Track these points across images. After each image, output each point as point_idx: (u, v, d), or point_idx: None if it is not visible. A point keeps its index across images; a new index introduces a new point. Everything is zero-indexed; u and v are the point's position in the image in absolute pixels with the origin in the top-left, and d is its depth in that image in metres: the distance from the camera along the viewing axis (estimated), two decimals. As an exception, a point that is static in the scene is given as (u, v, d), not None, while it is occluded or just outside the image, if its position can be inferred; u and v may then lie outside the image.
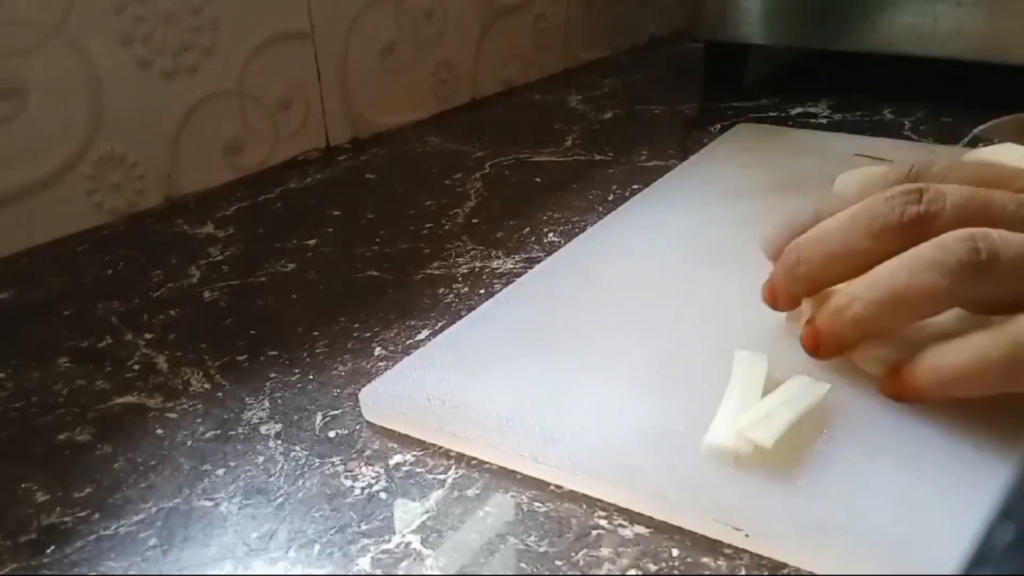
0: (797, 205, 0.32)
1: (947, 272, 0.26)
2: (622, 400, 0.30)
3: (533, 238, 0.48)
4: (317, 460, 0.30)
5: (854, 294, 0.28)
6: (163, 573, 0.25)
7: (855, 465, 0.26)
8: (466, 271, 0.44)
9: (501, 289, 0.40)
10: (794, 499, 0.25)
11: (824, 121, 0.67)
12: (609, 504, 0.27)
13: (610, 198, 0.52)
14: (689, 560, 0.25)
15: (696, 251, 0.35)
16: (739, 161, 0.55)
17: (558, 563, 0.25)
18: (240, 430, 0.32)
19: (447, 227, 0.50)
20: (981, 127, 0.50)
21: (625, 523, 0.26)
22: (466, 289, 0.42)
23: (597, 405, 0.30)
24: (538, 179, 0.57)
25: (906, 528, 0.24)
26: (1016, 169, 0.31)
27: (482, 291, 0.41)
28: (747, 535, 0.25)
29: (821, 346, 0.30)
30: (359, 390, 0.32)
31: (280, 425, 0.32)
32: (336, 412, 0.32)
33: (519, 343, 0.34)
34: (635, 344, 0.34)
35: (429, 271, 0.44)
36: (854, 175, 0.49)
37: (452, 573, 0.24)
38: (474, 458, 0.29)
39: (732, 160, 0.56)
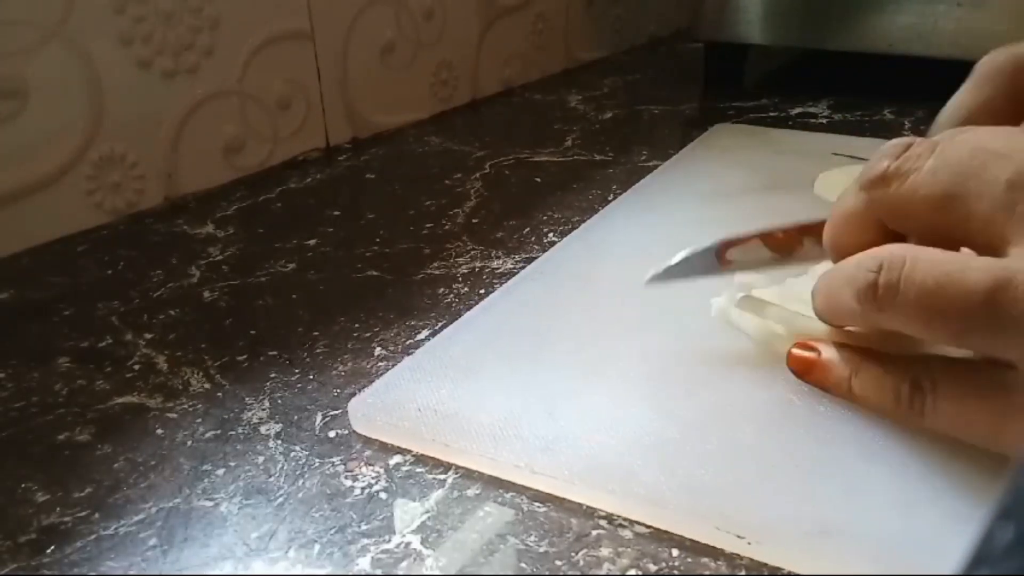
0: (778, 205, 0.32)
1: (855, 296, 0.26)
2: (615, 406, 0.30)
3: (533, 238, 0.48)
4: (317, 460, 0.30)
5: (815, 289, 0.29)
6: (163, 573, 0.25)
7: (852, 469, 0.26)
8: (466, 271, 0.44)
9: (501, 289, 0.40)
10: (793, 504, 0.25)
11: (824, 121, 0.67)
12: (609, 504, 0.27)
13: (610, 198, 0.52)
14: (689, 560, 0.25)
15: (681, 252, 0.35)
16: (720, 162, 0.56)
17: (558, 563, 0.25)
18: (240, 430, 0.32)
19: (447, 227, 0.50)
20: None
21: (625, 524, 0.26)
22: (466, 289, 0.42)
23: (591, 412, 0.30)
24: (538, 179, 0.57)
25: (905, 530, 0.24)
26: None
27: (482, 291, 0.41)
28: (749, 543, 0.24)
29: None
30: (359, 390, 0.32)
31: (280, 425, 0.32)
32: (336, 412, 0.32)
33: (509, 349, 0.34)
34: (626, 347, 0.34)
35: (429, 271, 0.44)
36: (833, 175, 0.50)
37: (452, 573, 0.24)
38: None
39: (713, 161, 0.56)
